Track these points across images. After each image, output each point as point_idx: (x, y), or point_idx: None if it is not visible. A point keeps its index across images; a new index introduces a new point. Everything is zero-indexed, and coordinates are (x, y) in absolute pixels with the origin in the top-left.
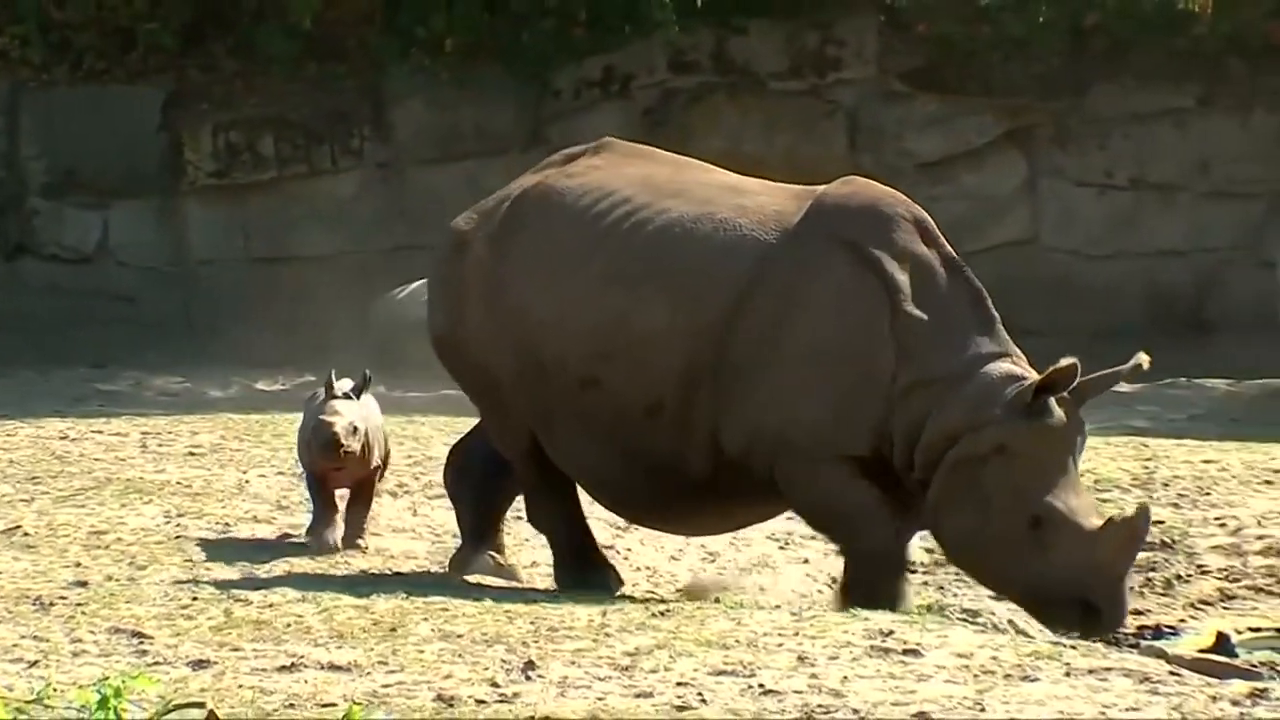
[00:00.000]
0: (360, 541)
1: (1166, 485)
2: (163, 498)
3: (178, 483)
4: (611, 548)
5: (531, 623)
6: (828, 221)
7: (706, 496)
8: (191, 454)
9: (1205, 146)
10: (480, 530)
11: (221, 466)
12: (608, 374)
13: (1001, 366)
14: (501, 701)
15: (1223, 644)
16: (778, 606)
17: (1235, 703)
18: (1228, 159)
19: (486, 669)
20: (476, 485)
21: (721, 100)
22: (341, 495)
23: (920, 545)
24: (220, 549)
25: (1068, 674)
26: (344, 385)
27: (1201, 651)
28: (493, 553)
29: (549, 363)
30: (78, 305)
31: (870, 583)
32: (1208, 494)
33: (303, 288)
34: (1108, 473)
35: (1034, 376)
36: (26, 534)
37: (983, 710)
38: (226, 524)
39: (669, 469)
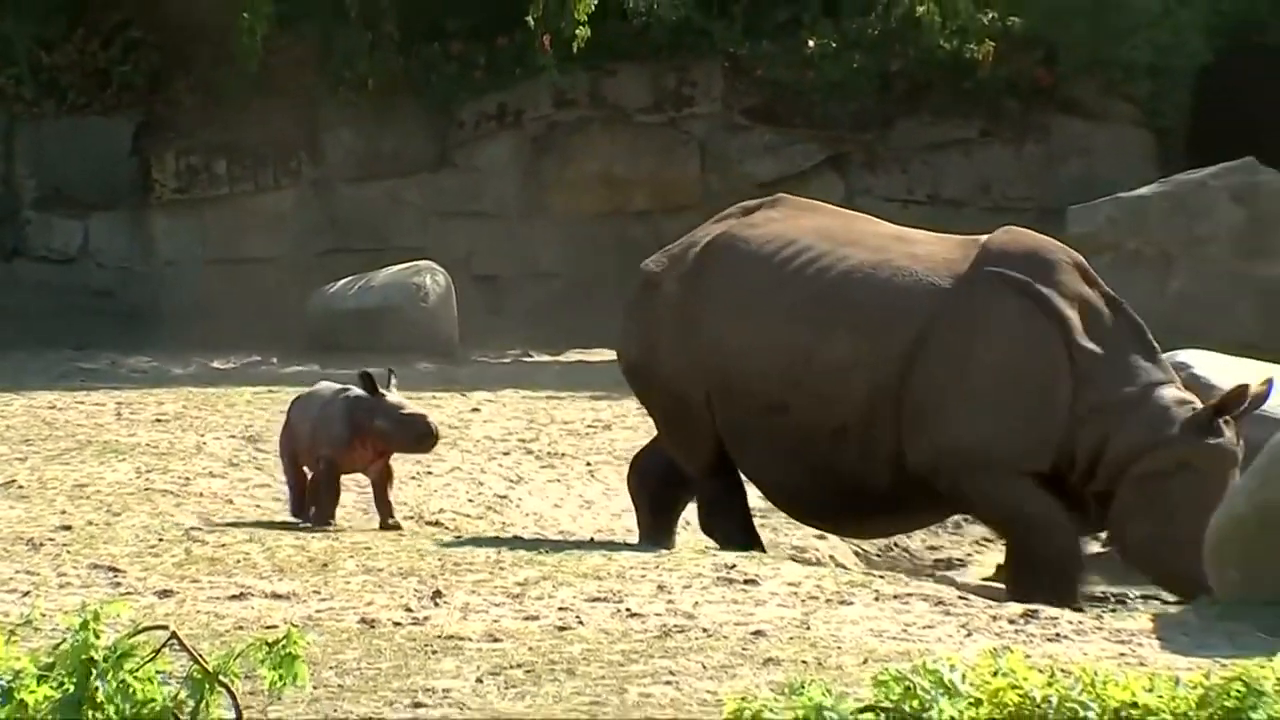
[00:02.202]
0: (392, 520)
1: None
2: (134, 456)
3: (146, 444)
4: (505, 497)
5: (439, 559)
6: (997, 265)
7: (884, 506)
8: (158, 420)
9: (986, 170)
10: (656, 532)
11: (183, 431)
12: (795, 400)
13: (1171, 391)
14: (414, 624)
15: (1001, 573)
16: (641, 544)
17: (1011, 621)
18: (1004, 180)
19: (402, 597)
20: (654, 493)
21: (596, 131)
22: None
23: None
24: (182, 500)
25: (877, 599)
26: (381, 378)
27: (985, 580)
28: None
29: (738, 389)
30: (64, 299)
31: (1054, 580)
32: None
33: (250, 284)
34: None
35: (1196, 400)
36: (20, 486)
37: (808, 628)
38: (187, 478)
39: (852, 483)
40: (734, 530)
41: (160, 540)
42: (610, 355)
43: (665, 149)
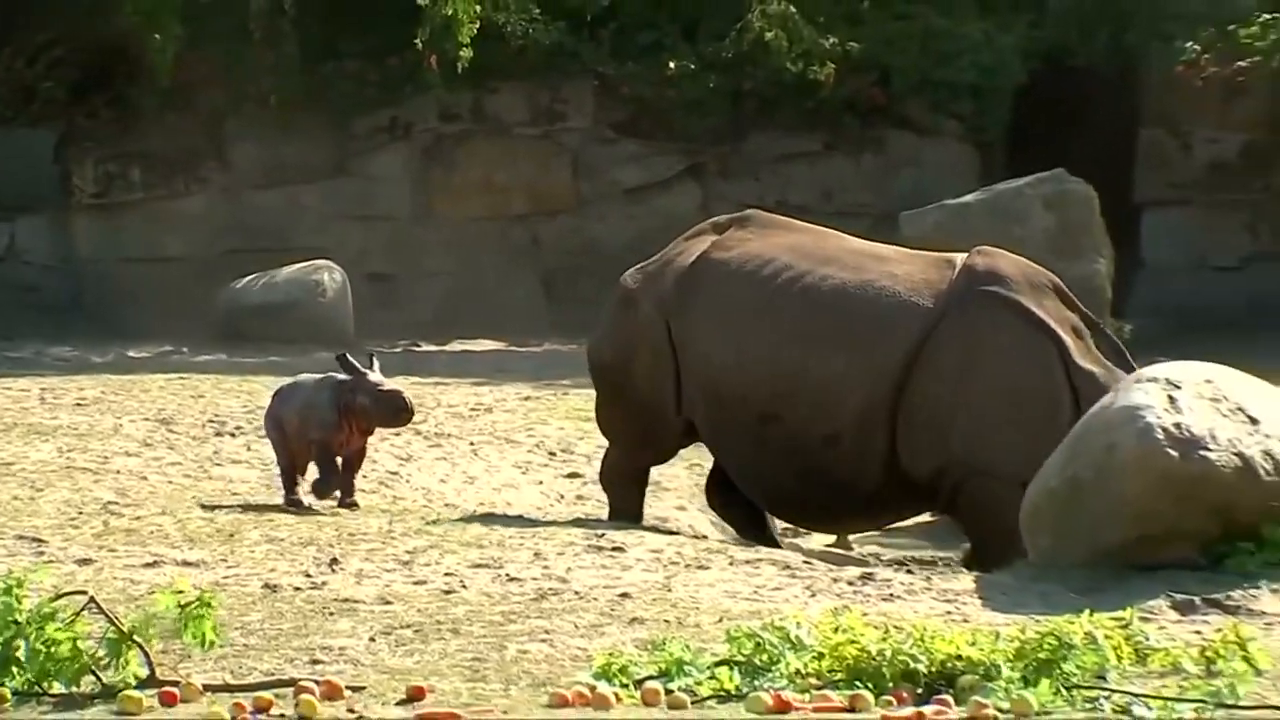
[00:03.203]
0: (350, 499)
1: None
2: (56, 437)
3: (68, 426)
4: (396, 474)
5: (336, 530)
6: (987, 285)
7: (869, 506)
8: (79, 404)
9: (829, 179)
10: (757, 531)
11: (101, 414)
12: (789, 411)
13: None
14: (313, 589)
15: (842, 540)
16: (520, 516)
17: (850, 583)
18: (845, 189)
19: (302, 564)
20: (743, 503)
21: (479, 142)
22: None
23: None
24: (101, 477)
25: (731, 564)
26: (362, 363)
27: (827, 546)
28: (775, 536)
29: (731, 400)
30: None
31: None
32: None
33: (163, 281)
34: None
35: None
36: None
37: (670, 590)
38: (105, 457)
39: (841, 486)
40: (635, 507)
41: (80, 513)
42: (491, 345)
43: (541, 159)
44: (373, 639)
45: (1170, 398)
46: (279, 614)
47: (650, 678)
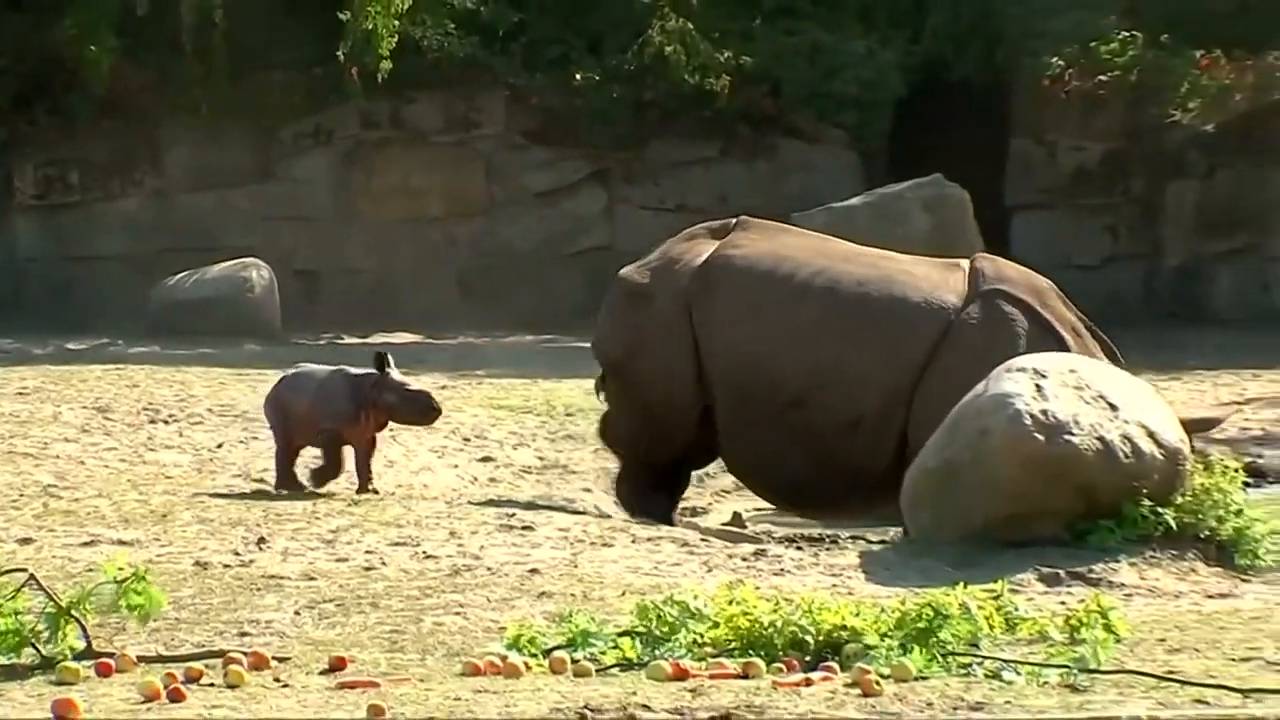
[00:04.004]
0: (371, 486)
1: None
2: None
3: (9, 414)
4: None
5: (263, 511)
6: (997, 287)
7: (874, 490)
8: (20, 394)
9: (724, 184)
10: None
11: (41, 402)
12: (815, 398)
13: None
14: (241, 566)
15: (736, 519)
16: (435, 498)
17: (744, 559)
18: (739, 192)
19: (231, 543)
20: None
21: (398, 149)
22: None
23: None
24: (40, 461)
25: (634, 541)
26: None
27: (723, 524)
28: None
29: (757, 387)
30: None
31: None
32: None
33: (100, 278)
34: None
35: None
36: None
37: (576, 566)
38: (45, 443)
39: (852, 470)
40: (662, 508)
41: (21, 495)
42: (410, 337)
43: (456, 165)
44: (297, 613)
45: (1037, 386)
46: (209, 590)
47: (558, 647)
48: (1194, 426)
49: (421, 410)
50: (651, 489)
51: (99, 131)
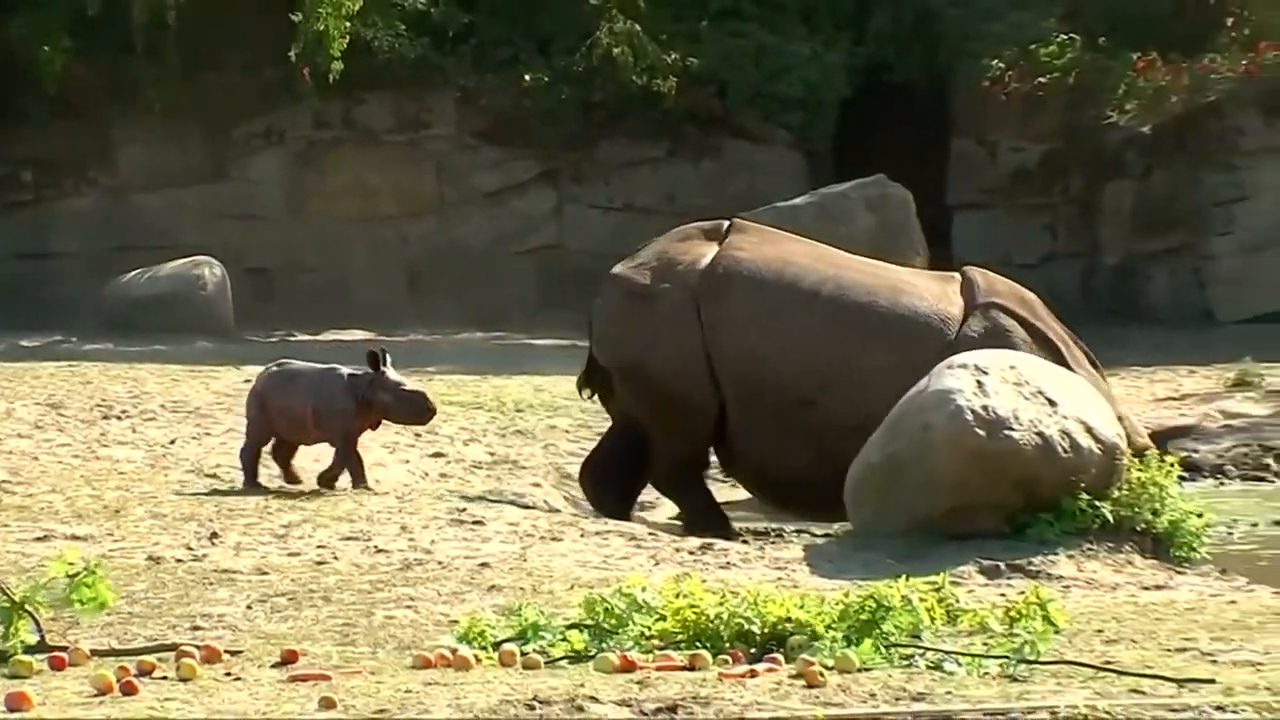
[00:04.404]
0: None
1: None
2: None
3: None
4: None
5: (216, 506)
6: (992, 298)
7: None
8: None
9: (671, 184)
10: (622, 519)
11: None
12: (824, 399)
13: (1122, 409)
14: (194, 560)
15: (681, 514)
16: (387, 493)
17: (691, 552)
18: (686, 192)
19: (184, 538)
20: (620, 486)
21: (349, 149)
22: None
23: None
24: None
25: (582, 535)
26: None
27: (670, 519)
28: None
29: (768, 388)
30: None
31: None
32: None
33: (54, 275)
34: None
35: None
36: None
37: (526, 560)
38: None
39: None
40: (699, 496)
41: None
42: (361, 335)
43: (407, 164)
44: (250, 606)
45: (979, 382)
46: (162, 584)
47: (507, 640)
48: (1169, 435)
49: (417, 410)
50: (693, 483)
51: (52, 131)
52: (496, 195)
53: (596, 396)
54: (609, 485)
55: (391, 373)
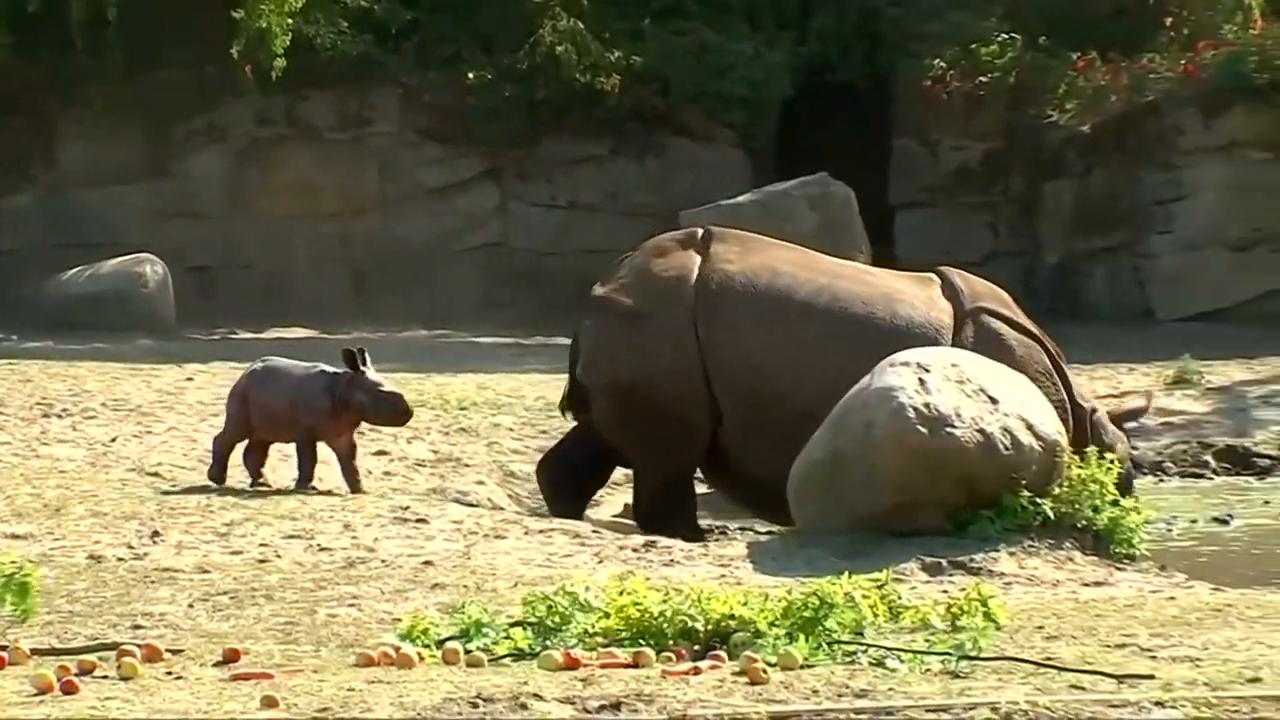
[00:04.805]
0: (361, 489)
1: None
2: None
3: None
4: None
5: (158, 505)
6: (978, 302)
7: None
8: None
9: (615, 182)
10: (572, 518)
11: None
12: (827, 410)
13: (1093, 402)
14: (135, 559)
15: (628, 511)
16: (330, 491)
17: (635, 550)
18: (629, 190)
19: (125, 536)
20: (574, 484)
21: (292, 146)
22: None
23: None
24: None
25: (526, 533)
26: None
27: (614, 516)
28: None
29: (768, 400)
30: None
31: None
32: None
33: None
34: (554, 397)
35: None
36: None
37: (469, 558)
38: None
39: None
40: (686, 521)
41: None
42: (304, 333)
43: (349, 162)
44: (191, 605)
45: (921, 380)
46: (103, 583)
47: (451, 638)
48: (1124, 417)
49: (394, 411)
50: (682, 502)
51: None
52: (440, 193)
53: (576, 419)
54: (565, 484)
55: (371, 373)
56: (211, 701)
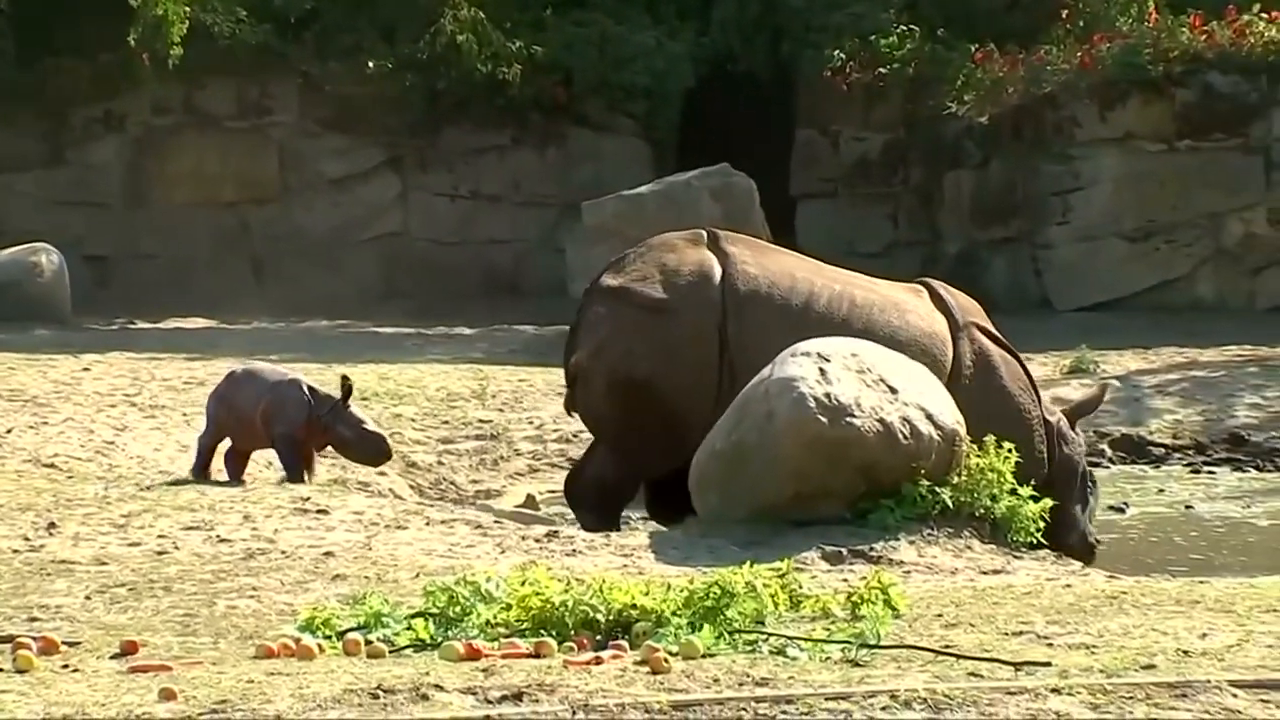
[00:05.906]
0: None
1: (494, 396)
2: None
3: None
4: (113, 443)
5: (54, 496)
6: (968, 316)
7: None
8: None
9: (517, 171)
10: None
11: None
12: None
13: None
14: (31, 551)
15: (530, 501)
16: (227, 483)
17: (537, 540)
18: (531, 180)
19: (21, 528)
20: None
21: (191, 135)
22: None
23: None
24: None
25: (428, 524)
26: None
27: (516, 507)
28: None
29: None
30: None
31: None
32: (521, 401)
33: None
34: (455, 388)
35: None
36: None
37: (370, 549)
38: None
39: None
40: (614, 516)
41: None
42: (203, 323)
43: (249, 151)
44: (88, 597)
45: (821, 370)
46: None
47: (351, 629)
48: (1080, 409)
49: (375, 452)
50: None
51: None
52: (340, 182)
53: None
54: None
55: (355, 408)
56: (109, 694)
